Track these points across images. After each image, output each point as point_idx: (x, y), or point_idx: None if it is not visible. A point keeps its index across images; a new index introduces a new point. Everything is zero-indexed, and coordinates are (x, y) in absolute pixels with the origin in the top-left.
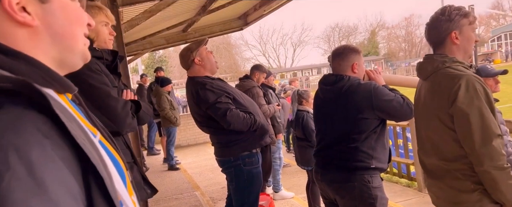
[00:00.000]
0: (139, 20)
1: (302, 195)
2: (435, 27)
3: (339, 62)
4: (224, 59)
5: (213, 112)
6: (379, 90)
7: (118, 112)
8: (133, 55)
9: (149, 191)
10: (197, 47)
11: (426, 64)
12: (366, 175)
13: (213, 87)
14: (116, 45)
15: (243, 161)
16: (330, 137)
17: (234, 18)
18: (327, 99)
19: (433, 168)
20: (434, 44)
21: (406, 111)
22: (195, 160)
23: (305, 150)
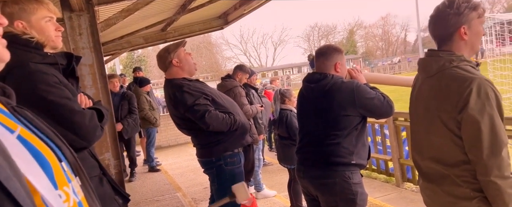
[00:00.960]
0: (116, 19)
1: (284, 193)
2: (441, 21)
3: (323, 61)
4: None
5: (191, 114)
6: (361, 89)
7: (87, 127)
8: (111, 55)
9: (120, 201)
10: (175, 48)
11: (431, 61)
12: (347, 171)
13: (190, 89)
14: (93, 45)
15: (225, 161)
16: (313, 134)
17: (214, 17)
18: (311, 96)
19: (430, 171)
20: (439, 39)
21: (386, 109)
22: (176, 161)
23: (288, 149)
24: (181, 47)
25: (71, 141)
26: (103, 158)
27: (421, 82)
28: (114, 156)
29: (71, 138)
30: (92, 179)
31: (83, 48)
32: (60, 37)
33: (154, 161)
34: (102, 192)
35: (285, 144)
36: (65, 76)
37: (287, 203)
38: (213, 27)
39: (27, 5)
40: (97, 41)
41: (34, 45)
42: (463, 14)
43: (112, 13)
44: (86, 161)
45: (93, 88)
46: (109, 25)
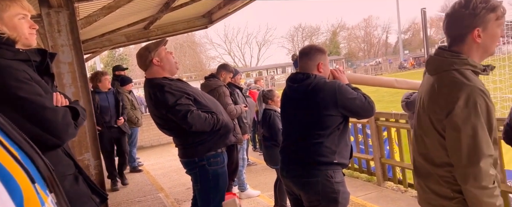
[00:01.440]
0: (97, 16)
1: (268, 193)
2: (455, 21)
3: (306, 61)
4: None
5: (173, 114)
6: (343, 89)
7: (58, 124)
8: (91, 53)
9: (97, 200)
10: (156, 47)
11: (436, 60)
12: (329, 170)
13: (172, 89)
14: (72, 42)
15: (208, 161)
16: (295, 134)
17: (198, 16)
18: (294, 96)
19: (419, 166)
20: (451, 39)
21: (367, 109)
22: (159, 161)
23: (272, 150)
24: (162, 46)
25: (42, 139)
26: (82, 159)
27: (425, 79)
28: (94, 156)
29: (42, 135)
30: (66, 177)
31: (62, 46)
32: (34, 35)
33: (136, 162)
34: (77, 191)
35: (268, 145)
36: (40, 73)
37: (271, 203)
38: (197, 26)
39: (0, 2)
40: (76, 38)
41: (5, 41)
42: (479, 15)
43: (92, 10)
44: (60, 159)
45: (72, 87)
46: (89, 22)
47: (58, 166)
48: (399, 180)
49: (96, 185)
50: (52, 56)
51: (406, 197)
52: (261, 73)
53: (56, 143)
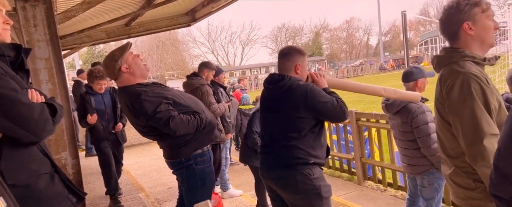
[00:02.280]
0: (76, 11)
1: (250, 192)
2: (447, 21)
3: (284, 62)
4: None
5: (155, 122)
6: (315, 92)
7: (35, 120)
8: (70, 49)
9: (74, 199)
10: (121, 54)
11: (440, 58)
12: (306, 169)
13: (148, 96)
14: (49, 38)
15: (194, 161)
16: (272, 135)
17: (182, 14)
18: (270, 98)
19: (444, 162)
20: (449, 38)
21: (338, 113)
22: (139, 160)
23: (243, 147)
24: (127, 51)
25: (18, 135)
26: (59, 157)
27: (438, 77)
28: (71, 155)
29: (18, 131)
30: (41, 176)
31: (39, 41)
32: (8, 31)
33: None
34: (52, 190)
35: (243, 142)
36: (14, 69)
37: (253, 203)
38: (180, 24)
39: None
40: (54, 33)
41: None
42: (463, 11)
43: (71, 5)
44: (34, 157)
45: (49, 84)
46: (68, 17)
47: (33, 164)
48: (379, 179)
49: (73, 184)
50: (27, 51)
51: (385, 196)
52: (245, 72)
53: (33, 139)
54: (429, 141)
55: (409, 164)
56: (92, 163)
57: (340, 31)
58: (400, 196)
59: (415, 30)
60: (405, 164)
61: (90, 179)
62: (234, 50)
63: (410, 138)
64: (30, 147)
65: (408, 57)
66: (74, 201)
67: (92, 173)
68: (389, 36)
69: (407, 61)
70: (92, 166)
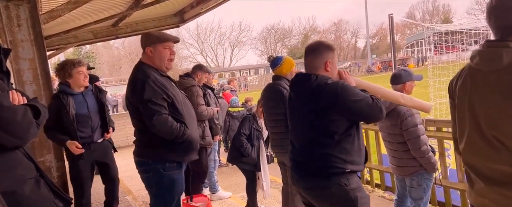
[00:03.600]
0: (62, 11)
1: (240, 194)
2: (509, 11)
3: (313, 59)
4: None
5: (142, 109)
6: (346, 89)
7: (18, 124)
8: (55, 50)
9: (61, 204)
10: (159, 40)
11: (500, 52)
12: (342, 179)
13: (155, 84)
14: (34, 38)
15: (163, 166)
16: (301, 142)
17: (170, 15)
18: (297, 99)
19: (498, 174)
20: (508, 30)
21: (375, 112)
22: (127, 162)
23: (231, 147)
24: (166, 43)
25: (2, 140)
26: (44, 160)
27: (479, 76)
28: (56, 158)
29: (1, 136)
30: (27, 181)
31: (22, 41)
32: None
33: None
34: (38, 195)
35: (232, 143)
36: None
37: (243, 204)
38: (169, 25)
39: None
40: (39, 33)
41: None
42: None
43: (56, 5)
44: (19, 162)
45: (34, 85)
46: (53, 17)
47: (18, 169)
48: (366, 180)
49: (59, 189)
50: (7, 52)
51: (373, 196)
52: (234, 74)
53: (17, 143)
54: (418, 143)
55: (398, 165)
56: None
57: (328, 33)
58: (387, 197)
59: (402, 33)
60: (394, 165)
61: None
62: (223, 52)
63: (399, 140)
64: (14, 151)
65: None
66: (61, 206)
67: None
68: (376, 38)
69: (394, 63)
70: None
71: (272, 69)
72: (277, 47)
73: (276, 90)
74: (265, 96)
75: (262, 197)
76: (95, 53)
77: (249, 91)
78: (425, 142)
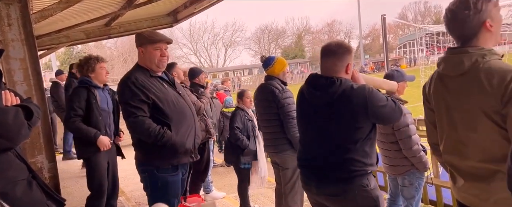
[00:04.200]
0: (53, 10)
1: (233, 194)
2: (462, 23)
3: (335, 62)
4: None
5: (121, 111)
6: (374, 96)
7: (9, 125)
8: (46, 50)
9: (54, 206)
10: (149, 42)
11: (461, 58)
12: (363, 180)
13: (134, 85)
14: (25, 37)
15: (156, 168)
16: (322, 148)
17: (163, 15)
18: (318, 105)
19: (474, 170)
20: (464, 39)
21: (397, 115)
22: (119, 163)
23: (227, 147)
24: (156, 44)
25: None
26: (35, 161)
27: (447, 80)
28: (48, 159)
29: None
30: (18, 183)
31: (13, 40)
32: None
33: None
34: (30, 197)
35: (227, 142)
36: None
37: (236, 205)
38: (162, 25)
39: None
40: (30, 33)
41: None
42: (482, 10)
43: (48, 4)
44: (11, 164)
45: (25, 85)
46: (44, 16)
47: (9, 171)
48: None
49: (51, 190)
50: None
51: None
52: (228, 74)
53: (7, 146)
54: (410, 143)
55: (391, 165)
56: (70, 166)
57: (321, 33)
58: None
59: (394, 34)
60: (387, 165)
61: (68, 183)
62: (217, 52)
63: (391, 140)
64: (5, 153)
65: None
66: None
67: (70, 177)
68: (369, 39)
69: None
70: (69, 169)
71: (265, 69)
72: (271, 47)
73: (268, 91)
74: (257, 96)
75: (255, 194)
76: (87, 53)
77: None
78: (417, 142)
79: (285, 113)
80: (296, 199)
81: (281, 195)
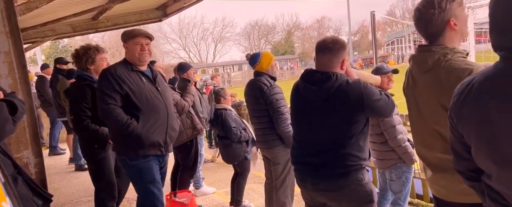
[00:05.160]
0: (39, 2)
1: (224, 190)
2: (428, 22)
3: (331, 57)
4: None
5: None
6: (369, 90)
7: None
8: (31, 43)
9: (40, 202)
10: (129, 37)
11: (426, 56)
12: (359, 174)
13: (112, 76)
14: (9, 30)
15: (127, 156)
16: (317, 144)
17: (152, 9)
18: (314, 100)
19: (440, 162)
20: (431, 37)
21: (390, 109)
22: None
23: (229, 147)
24: (136, 38)
25: None
26: (21, 156)
27: (416, 76)
28: (34, 154)
29: None
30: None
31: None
32: None
33: (82, 160)
34: (16, 192)
35: (225, 143)
36: None
37: (227, 200)
38: (151, 19)
39: None
40: (14, 25)
41: None
42: (446, 9)
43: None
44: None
45: (9, 78)
46: (29, 8)
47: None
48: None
49: (38, 186)
50: None
51: None
52: (218, 69)
53: None
54: (394, 133)
55: (378, 158)
56: (57, 162)
57: (311, 30)
58: None
59: (382, 31)
60: (375, 159)
61: (55, 179)
62: (207, 47)
63: (377, 131)
64: None
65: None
66: (40, 204)
67: (57, 172)
68: (358, 36)
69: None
70: (56, 165)
71: (252, 67)
72: (261, 43)
73: (256, 87)
74: (247, 93)
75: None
76: (74, 47)
77: (233, 87)
78: (401, 131)
79: (274, 109)
80: (287, 193)
81: (271, 189)
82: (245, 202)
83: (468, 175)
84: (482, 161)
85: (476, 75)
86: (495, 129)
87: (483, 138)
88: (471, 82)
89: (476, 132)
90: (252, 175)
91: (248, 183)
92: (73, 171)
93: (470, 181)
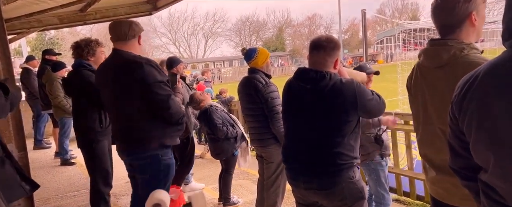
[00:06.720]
0: None
1: (213, 185)
2: (450, 10)
3: (325, 57)
4: None
5: (156, 88)
6: (362, 90)
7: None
8: (16, 34)
9: (28, 187)
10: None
11: (440, 50)
12: (350, 172)
13: (156, 67)
14: None
15: (161, 151)
16: (309, 142)
17: (142, 2)
18: (307, 99)
19: (447, 164)
20: (447, 28)
21: (382, 108)
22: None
23: (217, 143)
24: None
25: None
26: None
27: (426, 72)
28: (18, 147)
29: None
30: None
31: None
32: None
33: (68, 154)
34: (2, 173)
35: (212, 139)
36: None
37: (215, 196)
38: (141, 12)
39: None
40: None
41: None
42: (472, 1)
43: None
44: None
45: None
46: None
47: None
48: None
49: (25, 173)
50: None
51: None
52: (208, 65)
53: None
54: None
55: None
56: (41, 156)
57: (302, 27)
58: None
59: (372, 29)
60: None
61: (39, 173)
62: (197, 42)
63: None
64: None
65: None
66: (28, 189)
67: (41, 166)
68: (348, 34)
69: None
70: (41, 159)
71: (247, 62)
72: (252, 39)
73: (251, 85)
74: (241, 90)
75: (234, 185)
76: (61, 40)
77: (223, 83)
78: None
79: (270, 108)
80: (278, 192)
81: (263, 187)
82: (234, 198)
83: (463, 174)
84: (479, 152)
85: (482, 65)
86: (495, 111)
87: (483, 125)
88: (477, 72)
89: (477, 120)
90: (241, 171)
91: (237, 179)
92: (59, 166)
93: (465, 181)
